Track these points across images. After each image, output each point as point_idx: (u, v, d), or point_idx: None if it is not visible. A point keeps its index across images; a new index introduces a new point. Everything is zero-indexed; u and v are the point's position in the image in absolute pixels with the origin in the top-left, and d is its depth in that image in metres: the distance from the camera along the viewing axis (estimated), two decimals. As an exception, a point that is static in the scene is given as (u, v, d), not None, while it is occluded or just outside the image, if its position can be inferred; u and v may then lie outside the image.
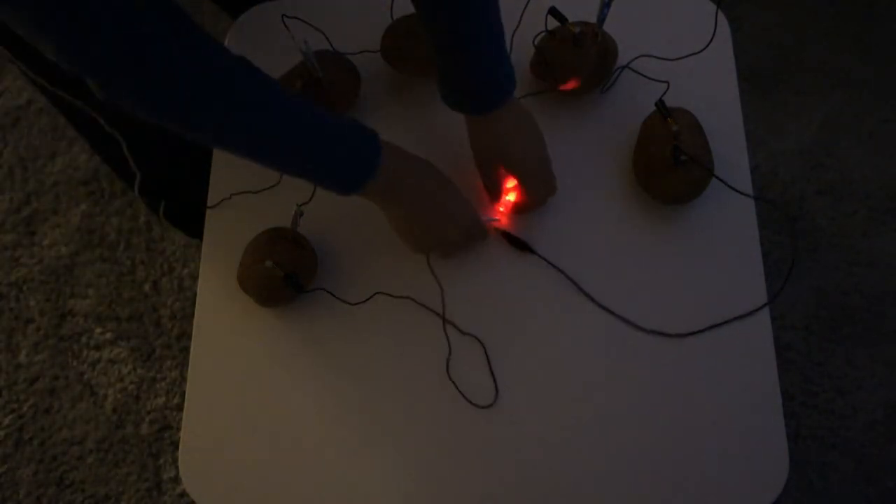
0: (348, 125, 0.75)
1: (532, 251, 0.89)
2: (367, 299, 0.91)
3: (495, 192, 0.92)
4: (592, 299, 0.89)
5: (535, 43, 0.97)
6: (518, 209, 0.93)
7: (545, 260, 0.87)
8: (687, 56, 0.99)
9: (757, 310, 0.87)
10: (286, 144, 0.72)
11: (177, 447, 1.49)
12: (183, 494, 1.48)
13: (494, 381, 0.87)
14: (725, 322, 0.87)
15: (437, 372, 0.88)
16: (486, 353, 0.88)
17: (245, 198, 0.98)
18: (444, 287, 0.91)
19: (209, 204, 0.99)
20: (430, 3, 0.78)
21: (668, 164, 0.88)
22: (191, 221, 0.95)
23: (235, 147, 0.72)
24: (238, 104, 0.68)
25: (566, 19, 0.93)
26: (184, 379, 1.54)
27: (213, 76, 0.65)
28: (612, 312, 0.88)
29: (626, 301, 0.89)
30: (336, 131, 0.74)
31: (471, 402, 0.86)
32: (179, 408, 1.53)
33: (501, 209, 0.93)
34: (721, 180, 0.91)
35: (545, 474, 0.84)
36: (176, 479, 1.48)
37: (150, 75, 0.62)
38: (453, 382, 0.87)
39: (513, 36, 0.98)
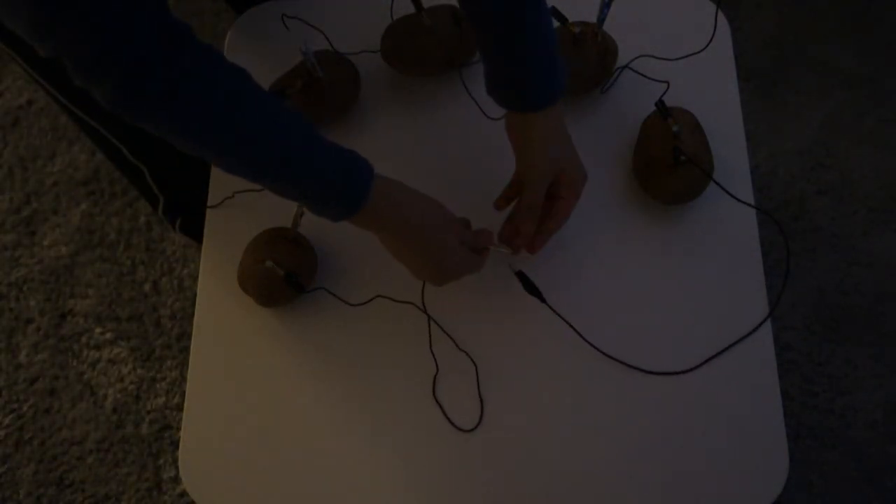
0: (344, 156, 0.73)
1: (543, 300, 0.85)
2: (368, 301, 0.91)
3: (535, 197, 0.84)
4: (599, 350, 0.87)
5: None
6: (550, 219, 0.86)
7: (555, 312, 0.85)
8: (687, 56, 0.99)
9: (761, 323, 0.87)
10: (279, 168, 0.70)
11: (177, 447, 1.49)
12: (183, 494, 1.48)
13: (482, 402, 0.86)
14: (729, 347, 0.87)
15: (425, 386, 0.88)
16: (476, 374, 0.87)
17: (245, 198, 0.98)
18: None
19: (210, 203, 0.99)
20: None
21: (668, 164, 0.88)
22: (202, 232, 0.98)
23: (230, 162, 0.70)
24: (237, 121, 0.67)
25: (566, 19, 0.93)
26: (184, 379, 1.54)
27: (211, 95, 0.65)
28: (615, 359, 0.87)
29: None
30: (330, 162, 0.72)
31: (454, 425, 0.86)
32: (179, 408, 1.53)
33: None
34: (721, 186, 0.91)
35: (544, 468, 0.84)
36: (176, 479, 1.48)
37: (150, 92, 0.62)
38: (439, 405, 0.86)
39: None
